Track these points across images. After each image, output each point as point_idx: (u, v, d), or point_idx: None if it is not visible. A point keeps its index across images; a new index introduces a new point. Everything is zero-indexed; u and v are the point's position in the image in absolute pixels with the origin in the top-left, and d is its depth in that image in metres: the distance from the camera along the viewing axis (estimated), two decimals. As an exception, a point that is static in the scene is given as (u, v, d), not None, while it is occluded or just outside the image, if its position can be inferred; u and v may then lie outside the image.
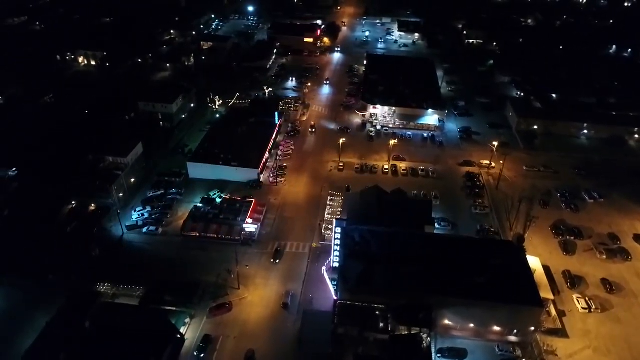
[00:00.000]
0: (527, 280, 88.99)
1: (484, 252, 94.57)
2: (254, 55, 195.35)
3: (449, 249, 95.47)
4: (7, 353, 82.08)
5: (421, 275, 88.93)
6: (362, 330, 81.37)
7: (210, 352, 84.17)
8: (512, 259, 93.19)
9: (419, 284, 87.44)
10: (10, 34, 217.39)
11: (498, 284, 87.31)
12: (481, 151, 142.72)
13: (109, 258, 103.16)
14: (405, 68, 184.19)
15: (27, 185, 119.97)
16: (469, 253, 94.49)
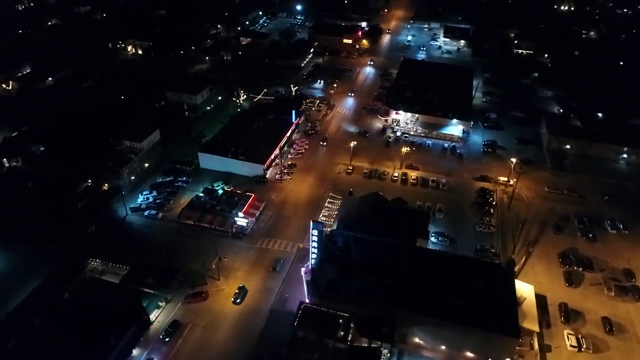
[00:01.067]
0: (509, 307, 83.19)
1: (469, 272, 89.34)
2: (289, 53, 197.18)
3: (432, 265, 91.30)
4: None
5: (395, 288, 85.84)
6: (321, 336, 79.90)
7: (176, 338, 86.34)
8: (497, 283, 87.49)
9: (390, 297, 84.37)
10: (73, 22, 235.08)
11: (475, 307, 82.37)
12: (502, 167, 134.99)
13: (105, 236, 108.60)
14: (440, 75, 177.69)
15: (53, 162, 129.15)
16: (452, 272, 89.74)
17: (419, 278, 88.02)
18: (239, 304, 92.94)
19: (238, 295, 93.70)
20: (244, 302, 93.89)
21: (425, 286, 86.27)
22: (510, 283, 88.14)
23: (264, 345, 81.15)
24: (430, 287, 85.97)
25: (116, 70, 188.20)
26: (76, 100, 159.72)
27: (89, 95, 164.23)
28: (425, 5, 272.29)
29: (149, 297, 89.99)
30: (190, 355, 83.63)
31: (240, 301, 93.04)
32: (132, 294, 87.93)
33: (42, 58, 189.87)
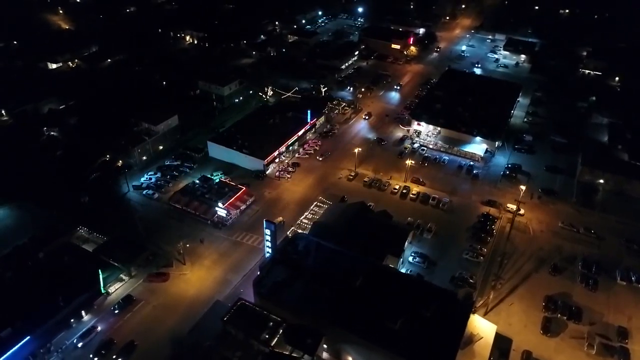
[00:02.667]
0: (451, 342, 76.35)
1: (421, 298, 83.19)
2: (331, 54, 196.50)
3: (385, 285, 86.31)
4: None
5: (335, 302, 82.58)
6: (247, 336, 79.27)
7: (126, 312, 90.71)
8: (448, 315, 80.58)
9: (326, 310, 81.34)
10: (148, 10, 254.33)
11: (412, 336, 76.79)
12: (518, 194, 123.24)
13: (103, 208, 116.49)
14: (481, 89, 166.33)
15: (82, 134, 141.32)
16: (404, 295, 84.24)
17: (365, 296, 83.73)
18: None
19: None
20: (199, 290, 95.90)
21: (367, 305, 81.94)
22: (463, 317, 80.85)
23: (195, 335, 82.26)
24: (373, 307, 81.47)
25: (169, 57, 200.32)
26: (122, 81, 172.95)
27: (134, 78, 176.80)
28: (495, 16, 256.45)
29: (111, 269, 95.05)
30: (132, 330, 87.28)
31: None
32: (95, 264, 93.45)
33: (109, 41, 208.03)
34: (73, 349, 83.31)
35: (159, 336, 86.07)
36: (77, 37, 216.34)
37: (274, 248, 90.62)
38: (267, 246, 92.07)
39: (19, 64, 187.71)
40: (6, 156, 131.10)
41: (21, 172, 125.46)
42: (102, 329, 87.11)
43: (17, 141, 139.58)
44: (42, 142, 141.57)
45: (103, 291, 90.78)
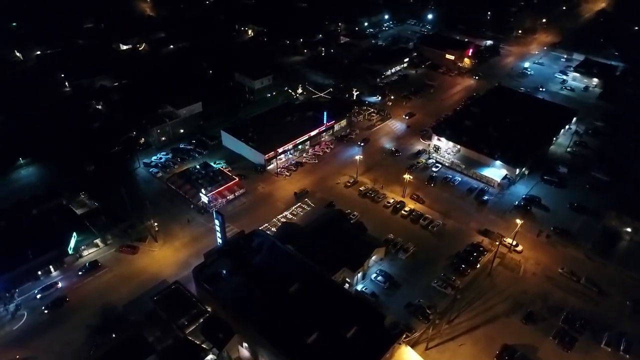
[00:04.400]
0: (359, 369, 71.66)
1: (348, 317, 78.80)
2: (378, 58, 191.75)
3: (319, 297, 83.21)
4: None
5: (262, 304, 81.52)
6: (169, 318, 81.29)
7: (88, 275, 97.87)
8: (369, 340, 75.58)
9: (250, 311, 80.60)
10: (224, 3, 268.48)
11: (323, 354, 73.33)
12: (525, 231, 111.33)
13: (110, 178, 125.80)
14: (528, 111, 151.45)
15: (119, 111, 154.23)
16: (332, 310, 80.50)
17: (294, 304, 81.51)
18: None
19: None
20: (160, 268, 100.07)
21: (291, 313, 79.73)
22: (383, 346, 75.29)
23: (129, 308, 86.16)
24: (295, 316, 79.13)
25: (227, 48, 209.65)
26: (171, 66, 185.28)
27: (184, 64, 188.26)
28: (578, 33, 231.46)
29: (88, 234, 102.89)
30: (87, 294, 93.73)
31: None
32: (76, 227, 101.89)
33: (179, 28, 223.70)
34: (32, 299, 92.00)
35: (107, 303, 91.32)
36: (153, 23, 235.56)
37: (224, 239, 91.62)
38: (217, 237, 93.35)
39: (95, 43, 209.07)
40: (51, 122, 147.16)
41: (58, 137, 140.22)
42: (62, 286, 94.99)
43: (66, 110, 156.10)
44: (86, 114, 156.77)
45: (71, 252, 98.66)
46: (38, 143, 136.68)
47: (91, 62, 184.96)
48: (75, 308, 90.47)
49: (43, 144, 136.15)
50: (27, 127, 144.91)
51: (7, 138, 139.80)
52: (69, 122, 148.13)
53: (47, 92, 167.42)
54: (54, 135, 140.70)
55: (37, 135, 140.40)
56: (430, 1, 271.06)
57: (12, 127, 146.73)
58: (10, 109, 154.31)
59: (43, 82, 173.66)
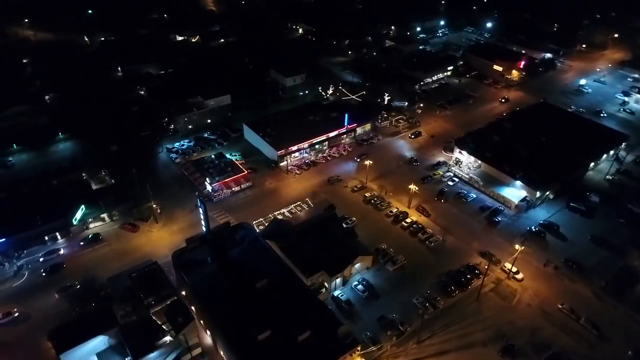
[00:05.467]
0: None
1: (306, 320, 77.78)
2: (419, 65, 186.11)
3: (284, 296, 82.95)
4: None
5: (225, 295, 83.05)
6: (141, 296, 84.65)
7: (87, 246, 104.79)
8: (320, 346, 74.25)
9: (213, 300, 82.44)
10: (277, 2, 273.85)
11: (269, 353, 73.24)
12: (532, 257, 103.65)
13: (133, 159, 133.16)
14: (569, 131, 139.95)
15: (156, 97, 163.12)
16: (292, 311, 79.92)
17: (257, 299, 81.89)
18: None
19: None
20: (154, 248, 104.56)
21: (252, 308, 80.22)
22: (334, 353, 73.50)
23: (111, 282, 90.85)
24: (254, 312, 79.51)
25: (274, 45, 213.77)
26: (216, 58, 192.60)
27: (228, 57, 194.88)
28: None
29: (96, 208, 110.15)
30: (82, 263, 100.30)
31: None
32: (86, 200, 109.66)
33: (232, 23, 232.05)
34: (35, 261, 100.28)
35: (98, 274, 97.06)
36: (211, 17, 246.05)
37: (207, 226, 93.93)
38: (202, 224, 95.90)
39: (154, 33, 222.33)
40: (96, 103, 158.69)
41: (98, 117, 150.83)
42: (63, 253, 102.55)
43: (112, 93, 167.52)
44: (127, 98, 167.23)
45: (75, 223, 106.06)
46: (79, 121, 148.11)
47: (145, 51, 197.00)
48: (68, 275, 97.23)
49: (83, 122, 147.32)
50: (74, 105, 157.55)
51: (55, 113, 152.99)
52: (111, 105, 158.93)
53: (100, 76, 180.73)
54: (94, 115, 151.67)
55: (80, 113, 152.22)
56: (493, 9, 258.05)
57: (62, 104, 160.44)
58: (65, 87, 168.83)
59: (99, 66, 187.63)
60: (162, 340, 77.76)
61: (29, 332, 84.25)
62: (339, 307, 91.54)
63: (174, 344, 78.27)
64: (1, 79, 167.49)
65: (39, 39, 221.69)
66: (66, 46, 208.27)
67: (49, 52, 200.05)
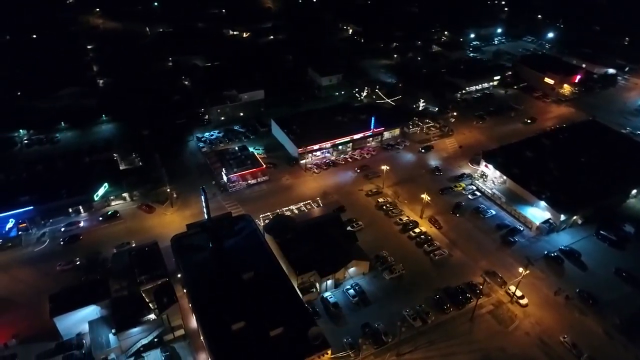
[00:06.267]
0: None
1: (283, 318, 78.12)
2: (463, 72, 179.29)
3: (268, 290, 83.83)
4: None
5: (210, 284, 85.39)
6: (134, 272, 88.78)
7: (105, 222, 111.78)
8: (291, 345, 74.39)
9: (197, 286, 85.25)
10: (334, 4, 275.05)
11: (239, 345, 74.60)
12: (543, 285, 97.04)
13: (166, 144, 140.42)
14: (618, 155, 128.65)
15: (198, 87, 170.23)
16: (272, 306, 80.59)
17: (241, 291, 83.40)
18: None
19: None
20: (164, 230, 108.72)
21: (234, 299, 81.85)
22: (302, 353, 73.37)
23: (115, 257, 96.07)
24: (235, 303, 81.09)
25: (320, 45, 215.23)
26: (260, 54, 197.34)
27: (272, 53, 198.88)
28: None
29: (118, 187, 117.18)
30: (97, 237, 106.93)
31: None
32: (111, 178, 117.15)
33: (284, 21, 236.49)
34: (57, 231, 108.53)
35: (104, 248, 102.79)
36: (265, 13, 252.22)
37: (208, 214, 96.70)
38: (204, 211, 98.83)
39: (210, 26, 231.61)
40: (142, 90, 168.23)
41: (141, 103, 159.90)
42: (82, 226, 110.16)
43: (158, 82, 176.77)
44: (172, 87, 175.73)
45: (96, 199, 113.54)
46: (123, 105, 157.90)
47: (196, 43, 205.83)
48: (83, 247, 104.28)
49: (126, 107, 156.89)
50: (122, 91, 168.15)
51: (103, 97, 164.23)
52: (155, 92, 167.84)
53: (152, 65, 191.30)
54: (138, 101, 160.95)
55: (125, 98, 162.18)
56: (559, 18, 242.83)
57: (112, 89, 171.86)
58: (119, 74, 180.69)
59: (153, 55, 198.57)
60: (146, 317, 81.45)
61: (37, 294, 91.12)
62: (326, 308, 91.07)
63: (157, 323, 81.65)
64: (63, 62, 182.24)
65: (106, 28, 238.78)
66: (128, 35, 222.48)
67: (111, 40, 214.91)
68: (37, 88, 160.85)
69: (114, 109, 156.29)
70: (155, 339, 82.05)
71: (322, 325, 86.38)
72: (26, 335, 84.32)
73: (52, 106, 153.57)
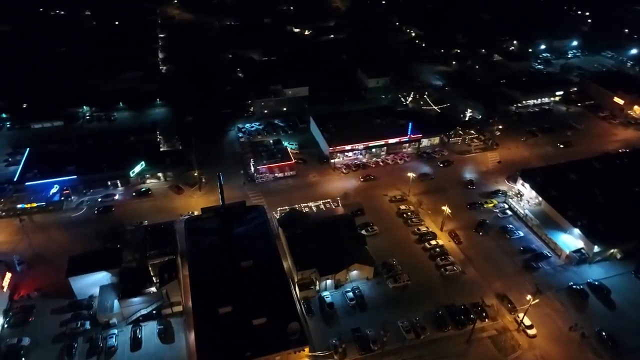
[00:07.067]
0: (239, 355, 73.03)
1: (269, 309, 79.48)
2: (523, 84, 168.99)
3: (264, 279, 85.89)
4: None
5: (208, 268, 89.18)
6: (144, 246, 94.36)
7: (136, 198, 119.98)
8: (270, 335, 75.59)
9: (197, 266, 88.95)
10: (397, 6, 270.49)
11: (225, 325, 77.04)
12: (559, 318, 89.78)
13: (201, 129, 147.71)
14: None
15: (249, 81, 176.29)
16: (263, 296, 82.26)
17: (237, 278, 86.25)
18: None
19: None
20: (186, 210, 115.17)
21: (225, 284, 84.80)
22: (278, 346, 74.34)
23: (135, 230, 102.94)
24: (225, 288, 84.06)
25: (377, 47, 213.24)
26: (316, 52, 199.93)
27: (327, 52, 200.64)
28: None
29: (153, 166, 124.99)
30: (127, 210, 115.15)
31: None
32: (149, 158, 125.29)
33: (347, 21, 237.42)
34: (95, 201, 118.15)
35: (130, 221, 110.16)
36: (331, 13, 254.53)
37: (222, 200, 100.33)
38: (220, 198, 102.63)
39: (276, 23, 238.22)
40: (199, 79, 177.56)
41: (194, 91, 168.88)
42: (117, 199, 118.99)
43: (215, 72, 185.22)
44: (226, 78, 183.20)
45: (132, 175, 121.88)
46: (178, 92, 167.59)
47: (258, 37, 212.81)
48: (113, 218, 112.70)
49: (181, 94, 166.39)
50: (180, 78, 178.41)
51: (162, 82, 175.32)
52: (210, 82, 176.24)
53: (213, 55, 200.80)
54: (192, 89, 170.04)
55: (182, 85, 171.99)
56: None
57: (172, 75, 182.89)
58: (180, 62, 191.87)
59: (216, 47, 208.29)
60: (147, 289, 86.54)
61: (65, 255, 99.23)
62: (321, 307, 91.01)
63: (157, 296, 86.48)
64: (133, 48, 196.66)
65: (181, 18, 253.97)
66: (198, 27, 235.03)
67: (182, 30, 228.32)
68: (106, 70, 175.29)
69: (169, 95, 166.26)
70: (154, 311, 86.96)
71: (314, 323, 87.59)
72: (47, 291, 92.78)
73: (115, 87, 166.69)
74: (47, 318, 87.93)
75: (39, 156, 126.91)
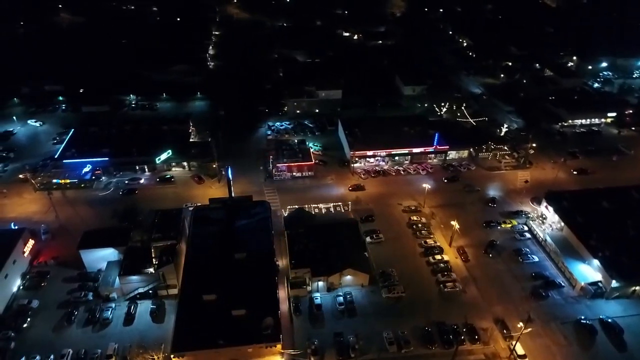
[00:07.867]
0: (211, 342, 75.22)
1: (251, 300, 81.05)
2: (571, 103, 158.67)
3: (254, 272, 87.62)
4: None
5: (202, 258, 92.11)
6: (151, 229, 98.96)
7: (159, 184, 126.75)
8: (247, 327, 77.23)
9: (194, 255, 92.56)
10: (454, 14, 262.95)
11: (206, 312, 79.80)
12: (560, 353, 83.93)
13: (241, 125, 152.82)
14: None
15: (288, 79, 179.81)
16: (251, 290, 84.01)
17: (227, 268, 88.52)
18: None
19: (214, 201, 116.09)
20: (203, 200, 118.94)
21: (215, 272, 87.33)
22: (251, 338, 75.67)
23: (151, 213, 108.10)
24: (215, 276, 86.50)
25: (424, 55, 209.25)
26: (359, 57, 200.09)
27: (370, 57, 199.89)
28: None
29: (179, 155, 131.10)
30: (148, 194, 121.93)
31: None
32: (176, 147, 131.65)
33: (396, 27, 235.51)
34: (122, 182, 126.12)
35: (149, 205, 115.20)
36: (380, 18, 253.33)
37: (230, 193, 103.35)
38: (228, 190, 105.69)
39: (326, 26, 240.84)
40: (243, 76, 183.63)
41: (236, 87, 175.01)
42: (142, 183, 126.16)
43: (260, 70, 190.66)
44: (268, 77, 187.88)
45: (158, 162, 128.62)
46: (220, 87, 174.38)
47: (307, 39, 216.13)
48: (135, 200, 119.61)
49: (222, 89, 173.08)
50: (224, 74, 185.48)
51: (207, 77, 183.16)
52: (252, 80, 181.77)
53: (260, 54, 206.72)
54: (234, 85, 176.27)
55: (224, 81, 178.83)
56: None
57: (216, 71, 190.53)
58: (227, 59, 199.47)
59: (264, 46, 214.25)
60: (146, 270, 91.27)
61: (85, 229, 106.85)
62: (310, 308, 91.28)
63: (153, 277, 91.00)
64: (184, 42, 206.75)
65: (239, 17, 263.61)
66: (252, 26, 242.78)
67: (236, 28, 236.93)
68: (157, 61, 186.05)
69: (211, 89, 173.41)
70: (150, 291, 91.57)
71: (300, 322, 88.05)
72: (63, 260, 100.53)
73: (163, 79, 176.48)
74: (58, 285, 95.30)
75: (80, 137, 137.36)
